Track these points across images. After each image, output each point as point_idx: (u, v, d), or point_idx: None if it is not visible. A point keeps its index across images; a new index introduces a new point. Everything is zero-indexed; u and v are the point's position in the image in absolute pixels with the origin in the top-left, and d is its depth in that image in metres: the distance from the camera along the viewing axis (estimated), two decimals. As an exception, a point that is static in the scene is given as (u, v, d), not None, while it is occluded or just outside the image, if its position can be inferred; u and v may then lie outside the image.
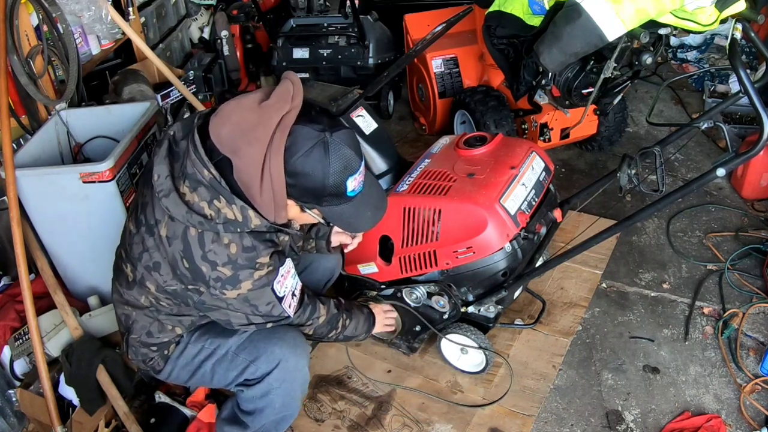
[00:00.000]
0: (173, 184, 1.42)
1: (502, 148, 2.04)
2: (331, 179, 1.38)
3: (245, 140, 1.34)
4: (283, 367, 1.66)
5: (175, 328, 1.68)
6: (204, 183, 1.39)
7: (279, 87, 1.40)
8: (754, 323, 2.28)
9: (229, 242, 1.44)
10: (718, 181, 2.98)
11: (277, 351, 1.66)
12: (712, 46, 4.05)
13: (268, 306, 1.56)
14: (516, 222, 1.86)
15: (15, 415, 2.13)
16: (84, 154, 2.40)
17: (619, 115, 3.14)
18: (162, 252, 1.48)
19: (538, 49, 2.16)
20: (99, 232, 2.14)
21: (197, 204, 1.41)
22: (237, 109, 1.37)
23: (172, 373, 1.76)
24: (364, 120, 2.86)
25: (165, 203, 1.42)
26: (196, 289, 1.50)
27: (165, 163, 1.45)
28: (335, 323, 1.81)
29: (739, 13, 1.85)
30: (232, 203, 1.41)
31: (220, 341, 1.71)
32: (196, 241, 1.44)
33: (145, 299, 1.61)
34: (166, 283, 1.53)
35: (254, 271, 1.48)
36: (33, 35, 2.31)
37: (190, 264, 1.45)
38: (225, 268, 1.45)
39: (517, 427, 2.00)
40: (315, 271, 2.10)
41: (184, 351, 1.73)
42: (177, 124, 1.51)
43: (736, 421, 1.97)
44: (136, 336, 1.68)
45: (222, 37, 4.03)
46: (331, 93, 3.01)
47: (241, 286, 1.48)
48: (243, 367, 1.69)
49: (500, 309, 2.11)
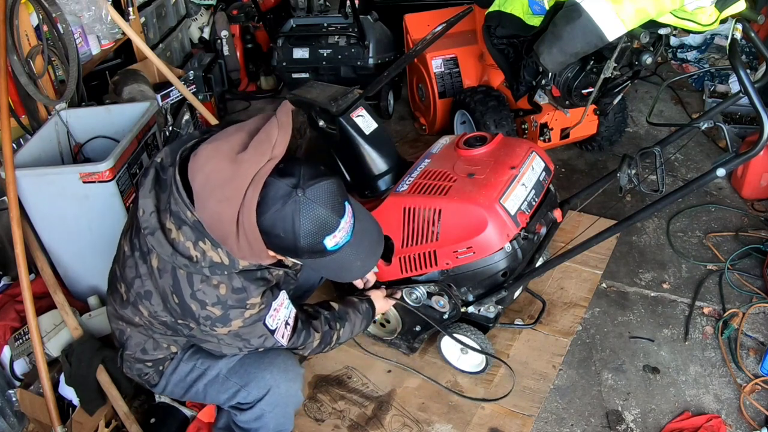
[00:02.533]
0: (158, 220, 1.36)
1: (502, 148, 2.04)
2: (303, 241, 1.29)
3: (214, 198, 1.26)
4: (274, 392, 1.62)
5: (170, 346, 1.66)
6: (188, 223, 1.34)
7: (262, 132, 1.29)
8: (754, 323, 2.28)
9: (218, 283, 1.40)
10: (718, 181, 2.98)
11: (267, 377, 1.62)
12: (712, 46, 4.05)
13: (261, 338, 1.53)
14: (516, 222, 1.86)
15: (15, 415, 2.12)
16: (84, 154, 2.40)
17: (619, 115, 3.14)
18: (153, 282, 1.44)
19: (538, 49, 2.16)
20: (99, 232, 2.14)
21: (182, 244, 1.34)
22: (213, 156, 1.28)
23: (167, 388, 1.73)
24: (364, 120, 2.86)
25: (150, 241, 1.37)
26: (185, 324, 1.47)
27: (151, 197, 1.38)
28: (329, 339, 1.74)
29: (739, 13, 1.85)
30: (218, 247, 1.35)
31: (211, 362, 1.67)
32: (185, 279, 1.39)
33: (139, 319, 1.57)
34: (156, 314, 1.49)
35: (245, 310, 1.43)
36: (33, 35, 2.32)
37: (179, 300, 1.41)
38: (215, 308, 1.41)
39: (517, 427, 2.00)
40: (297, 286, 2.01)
41: (177, 368, 1.69)
42: (165, 150, 1.43)
43: (736, 421, 1.97)
44: (131, 352, 1.66)
45: (222, 37, 4.03)
46: (331, 93, 3.01)
47: (232, 324, 1.44)
48: (234, 391, 1.65)
49: (500, 309, 2.11)
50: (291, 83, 3.83)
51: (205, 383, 1.67)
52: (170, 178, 1.36)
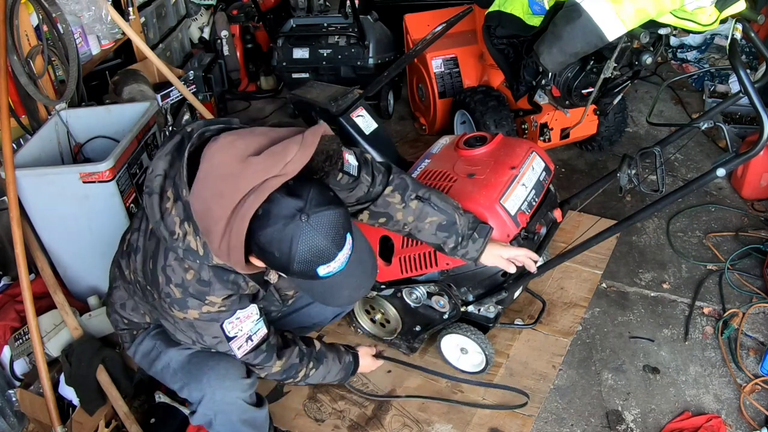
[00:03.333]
0: (161, 185, 1.33)
1: (502, 148, 2.04)
2: (296, 266, 1.24)
3: (210, 190, 1.23)
4: (210, 398, 1.58)
5: (145, 316, 1.66)
6: (182, 200, 1.31)
7: (281, 144, 1.24)
8: (754, 323, 2.28)
9: (188, 267, 1.38)
10: (718, 181, 2.98)
11: (204, 381, 1.58)
12: (712, 46, 4.05)
13: (215, 340, 1.49)
14: (516, 222, 1.86)
15: (15, 415, 2.12)
16: (84, 154, 2.40)
17: (619, 115, 3.14)
18: (143, 241, 1.45)
19: (538, 49, 2.16)
20: (99, 232, 2.14)
21: (171, 217, 1.32)
22: (226, 149, 1.25)
23: (135, 356, 1.74)
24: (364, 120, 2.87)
25: (145, 201, 1.35)
26: (151, 293, 1.46)
27: (165, 160, 1.35)
28: (294, 373, 1.67)
29: (739, 13, 1.85)
30: (198, 235, 1.32)
31: (165, 349, 1.65)
32: (162, 250, 1.39)
33: (129, 274, 1.55)
34: (136, 271, 1.48)
35: (203, 305, 1.41)
36: (33, 35, 2.32)
37: (152, 267, 1.41)
38: (177, 288, 1.39)
39: (517, 427, 2.00)
40: (307, 315, 1.98)
41: (143, 342, 1.70)
42: (199, 122, 1.40)
43: (736, 421, 1.97)
44: (113, 301, 1.68)
45: (222, 37, 4.03)
46: (331, 93, 3.02)
47: (188, 313, 1.42)
48: (180, 386, 1.63)
49: (500, 309, 2.11)
50: (291, 83, 3.83)
51: (160, 368, 1.67)
52: (183, 150, 1.34)
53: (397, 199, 1.62)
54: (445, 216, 1.64)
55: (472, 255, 1.65)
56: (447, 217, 1.64)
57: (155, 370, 1.70)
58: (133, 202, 2.20)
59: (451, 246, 1.66)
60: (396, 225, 1.67)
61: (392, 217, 1.65)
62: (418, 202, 1.62)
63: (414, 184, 1.66)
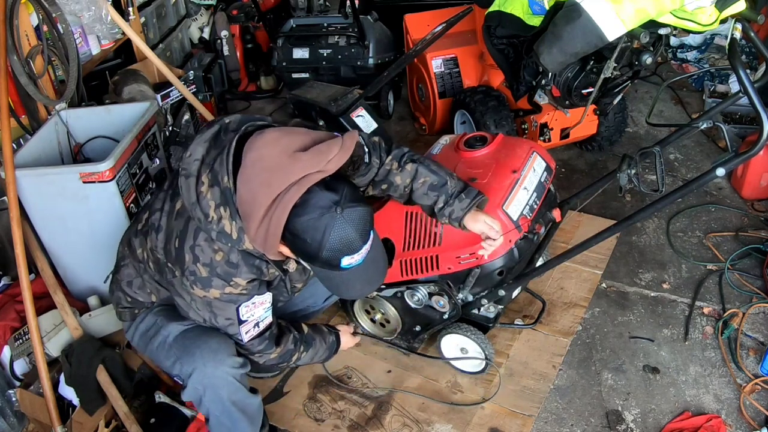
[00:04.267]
0: (199, 169, 1.44)
1: (503, 149, 2.03)
2: (325, 253, 1.36)
3: (258, 179, 1.34)
4: (200, 371, 1.62)
5: (152, 295, 1.71)
6: (221, 187, 1.41)
7: (327, 144, 1.37)
8: (754, 323, 2.28)
9: (218, 249, 1.47)
10: (718, 181, 2.98)
11: (197, 354, 1.63)
12: (712, 46, 4.05)
13: (227, 321, 1.58)
14: (518, 227, 1.86)
15: (15, 415, 2.13)
16: (84, 154, 2.40)
17: (619, 115, 3.14)
18: (167, 220, 1.53)
19: (538, 49, 2.16)
20: (99, 232, 2.14)
21: (206, 201, 1.42)
22: (274, 143, 1.36)
23: (134, 338, 1.79)
24: (364, 120, 2.87)
25: (181, 183, 1.45)
26: (172, 270, 1.53)
27: (203, 146, 1.45)
28: (288, 357, 1.78)
29: (739, 13, 1.85)
30: (234, 220, 1.42)
31: (167, 323, 1.71)
32: (192, 230, 1.48)
33: (141, 253, 1.64)
34: (156, 249, 1.56)
35: (227, 285, 1.50)
36: (33, 35, 2.31)
37: (179, 246, 1.49)
38: (204, 268, 1.48)
39: (517, 427, 2.00)
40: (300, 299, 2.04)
41: (145, 319, 1.75)
42: (236, 116, 1.52)
43: (736, 421, 1.97)
44: (120, 278, 1.73)
45: (222, 37, 4.03)
46: (331, 93, 3.02)
47: (210, 292, 1.50)
48: (173, 361, 1.68)
49: (500, 309, 2.11)
50: (291, 83, 3.83)
51: (156, 344, 1.72)
52: (228, 141, 1.43)
53: (395, 165, 1.71)
54: (438, 177, 1.72)
55: (458, 214, 1.70)
56: (439, 178, 1.72)
57: (151, 348, 1.74)
58: (133, 202, 2.20)
59: (440, 206, 1.72)
60: (397, 190, 1.74)
61: (392, 183, 1.73)
62: (412, 164, 1.72)
63: (410, 151, 1.76)
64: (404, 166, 1.72)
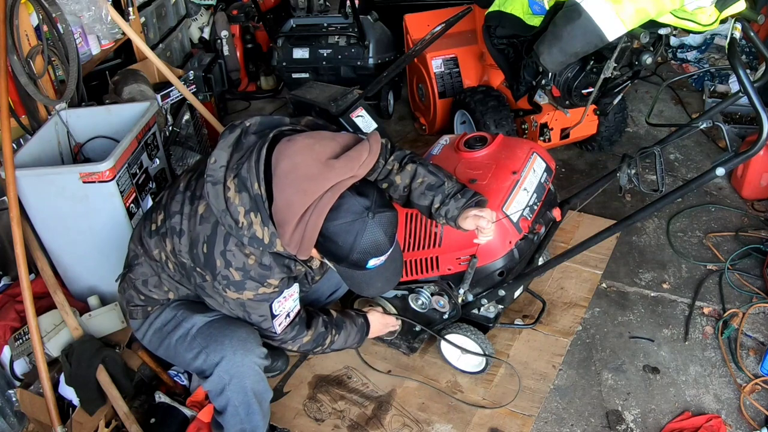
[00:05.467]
0: (225, 175, 1.45)
1: (502, 150, 2.03)
2: (355, 255, 1.43)
3: (294, 187, 1.37)
4: (229, 360, 1.65)
5: (169, 292, 1.72)
6: (250, 193, 1.43)
7: (356, 149, 1.42)
8: (754, 323, 2.28)
9: (250, 253, 1.51)
10: (718, 181, 2.98)
11: (226, 343, 1.66)
12: (712, 46, 4.05)
13: (261, 318, 1.63)
14: (518, 229, 1.86)
15: (15, 415, 2.12)
16: (84, 154, 2.40)
17: (619, 115, 3.14)
18: (191, 225, 1.54)
19: (538, 49, 2.16)
20: (99, 232, 2.14)
21: (235, 207, 1.44)
22: (305, 151, 1.39)
23: (146, 335, 1.79)
24: (364, 120, 2.87)
25: (208, 189, 1.46)
26: (201, 275, 1.56)
27: (227, 151, 1.47)
28: (322, 341, 1.83)
29: (739, 13, 1.85)
30: (266, 225, 1.45)
31: (189, 315, 1.72)
32: (222, 236, 1.50)
33: (158, 254, 1.65)
34: (180, 253, 1.58)
35: (261, 287, 1.54)
36: (33, 35, 2.31)
37: (208, 251, 1.51)
38: (236, 272, 1.51)
39: (517, 427, 2.00)
40: (320, 283, 2.09)
41: (161, 314, 1.76)
42: (255, 118, 1.54)
43: (736, 421, 1.97)
44: (134, 277, 1.73)
45: (222, 37, 4.04)
46: (330, 93, 3.02)
47: (244, 294, 1.54)
48: (197, 352, 1.69)
49: (500, 309, 2.11)
50: (291, 83, 3.83)
51: (176, 338, 1.72)
52: (253, 146, 1.46)
53: (396, 166, 1.75)
54: (436, 178, 1.75)
55: (453, 213, 1.72)
56: (437, 179, 1.75)
57: (168, 343, 1.74)
58: (133, 202, 2.20)
59: (437, 205, 1.74)
60: (396, 190, 1.77)
61: (393, 183, 1.76)
62: (412, 165, 1.75)
63: (411, 153, 1.80)
64: (404, 166, 1.75)
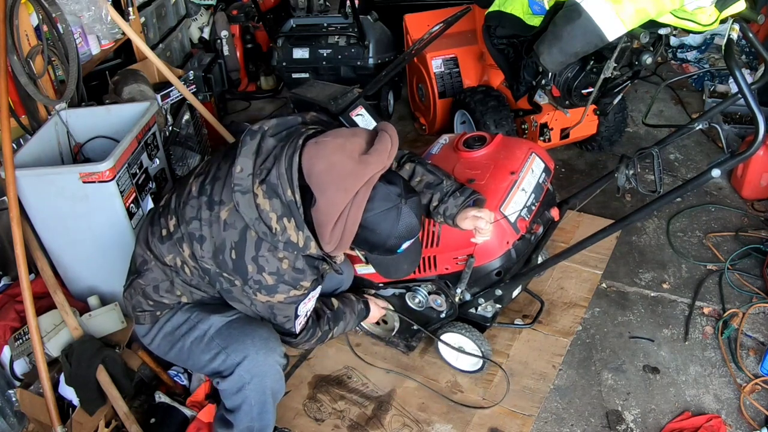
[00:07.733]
0: (252, 183, 1.46)
1: (501, 150, 2.03)
2: (392, 241, 1.48)
3: (335, 186, 1.40)
4: (252, 359, 1.66)
5: (182, 297, 1.71)
6: (282, 200, 1.45)
7: (380, 141, 1.46)
8: (754, 323, 2.28)
9: (283, 257, 1.52)
10: (718, 181, 2.98)
11: (248, 342, 1.67)
12: (712, 46, 4.05)
13: (285, 319, 1.66)
14: (516, 229, 1.86)
15: (15, 415, 2.13)
16: (84, 154, 2.40)
17: (619, 115, 3.14)
18: (213, 231, 1.53)
19: (538, 49, 2.16)
20: (99, 232, 2.14)
21: (266, 213, 1.45)
22: (339, 151, 1.42)
23: (155, 340, 1.77)
24: (364, 119, 2.86)
25: (238, 198, 1.47)
26: (230, 280, 1.56)
27: (251, 158, 1.48)
28: (324, 338, 1.86)
29: (739, 13, 1.85)
30: (301, 230, 1.47)
31: (205, 317, 1.72)
32: (252, 241, 1.50)
33: (171, 259, 1.63)
34: (202, 258, 1.57)
35: (293, 289, 1.57)
36: (33, 35, 2.31)
37: (237, 257, 1.51)
38: (270, 276, 1.53)
39: (517, 427, 2.00)
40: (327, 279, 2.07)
41: (172, 318, 1.74)
42: (273, 121, 1.55)
43: (736, 421, 1.97)
44: (143, 283, 1.71)
45: (222, 37, 4.04)
46: (330, 92, 3.02)
47: (275, 297, 1.56)
48: (215, 353, 1.69)
49: (498, 308, 2.11)
50: (291, 83, 3.83)
51: (191, 340, 1.71)
52: (273, 150, 1.48)
53: (394, 165, 1.76)
54: (434, 177, 1.77)
55: (451, 211, 1.74)
56: (435, 177, 1.77)
57: (182, 346, 1.73)
58: (133, 202, 2.20)
59: (435, 204, 1.76)
60: None
61: None
62: (410, 163, 1.79)
63: (409, 153, 1.83)
64: (403, 165, 1.77)
